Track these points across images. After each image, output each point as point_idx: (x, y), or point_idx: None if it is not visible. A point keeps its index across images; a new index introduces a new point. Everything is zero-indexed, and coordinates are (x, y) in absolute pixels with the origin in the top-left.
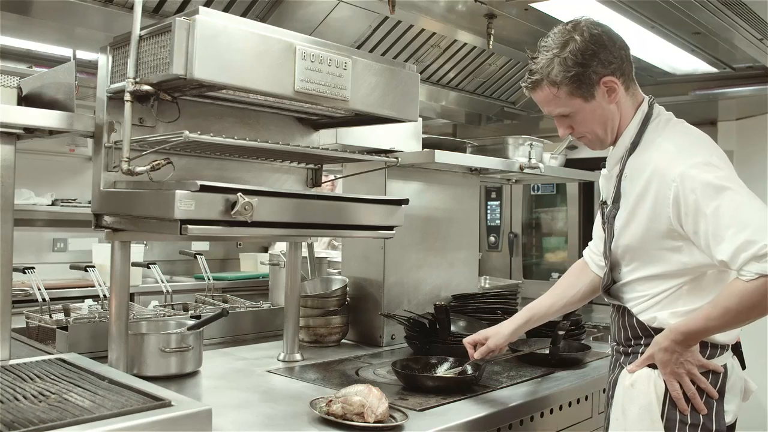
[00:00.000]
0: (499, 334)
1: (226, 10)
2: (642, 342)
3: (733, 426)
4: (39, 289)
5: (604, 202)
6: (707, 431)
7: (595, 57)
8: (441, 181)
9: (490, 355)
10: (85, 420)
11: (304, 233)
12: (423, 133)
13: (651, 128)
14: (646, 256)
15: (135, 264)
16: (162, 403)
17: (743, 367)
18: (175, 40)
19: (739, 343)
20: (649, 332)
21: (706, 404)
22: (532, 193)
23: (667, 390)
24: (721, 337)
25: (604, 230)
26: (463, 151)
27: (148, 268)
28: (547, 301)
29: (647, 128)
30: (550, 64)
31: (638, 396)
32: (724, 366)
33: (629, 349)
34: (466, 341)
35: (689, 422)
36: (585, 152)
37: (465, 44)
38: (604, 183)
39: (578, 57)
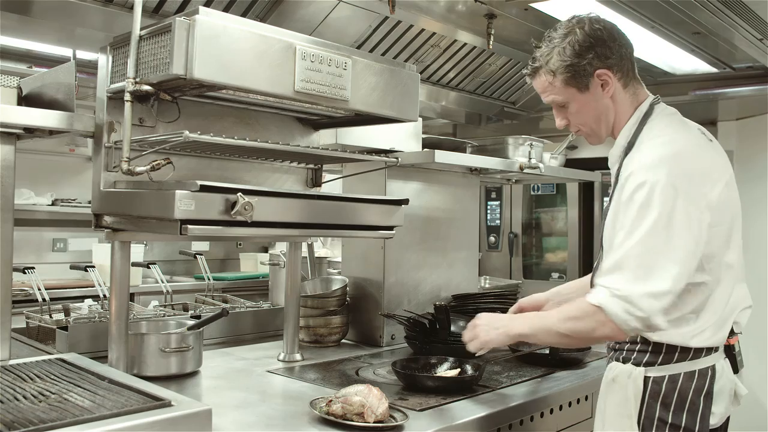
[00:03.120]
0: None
1: (226, 10)
2: (627, 340)
3: (718, 429)
4: (39, 289)
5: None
6: None
7: (592, 49)
8: (441, 181)
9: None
10: (85, 420)
11: (304, 233)
12: (423, 133)
13: (646, 129)
14: None
15: (135, 264)
16: (162, 403)
17: (736, 370)
18: (175, 40)
19: (733, 345)
20: None
21: (692, 405)
22: (532, 193)
23: (645, 388)
24: (704, 341)
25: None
26: (463, 151)
27: (148, 268)
28: (579, 283)
29: (643, 128)
30: (550, 53)
31: (617, 391)
32: (713, 368)
33: (617, 346)
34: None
35: (669, 422)
36: (585, 152)
37: (465, 44)
38: (612, 179)
39: (575, 48)
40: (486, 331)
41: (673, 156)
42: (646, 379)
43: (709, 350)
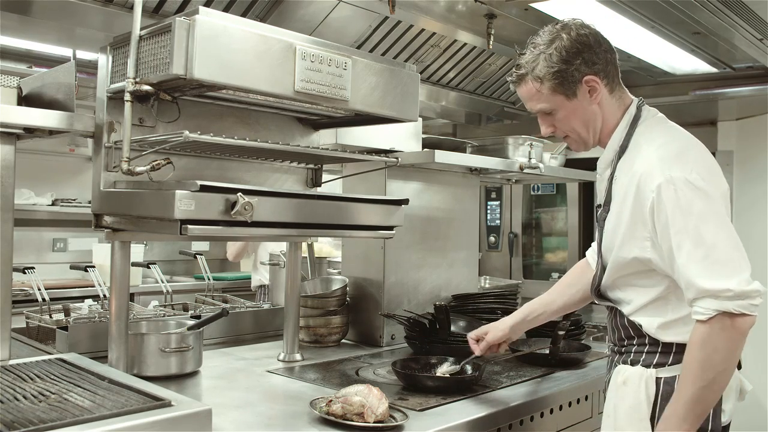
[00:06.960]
0: (498, 328)
1: (226, 10)
2: (635, 342)
3: (727, 426)
4: (39, 289)
5: (599, 205)
6: (702, 431)
7: (579, 55)
8: (441, 181)
9: (490, 351)
10: (85, 420)
11: (304, 233)
12: (423, 133)
13: (639, 131)
14: (626, 261)
15: (135, 264)
16: (162, 403)
17: (739, 367)
18: (175, 40)
19: None
20: (641, 333)
21: None
22: (532, 193)
23: (658, 391)
24: None
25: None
26: (463, 151)
27: (148, 268)
28: (546, 299)
29: (635, 131)
30: (536, 59)
31: (629, 394)
32: None
33: (623, 349)
34: (470, 336)
35: None
36: (585, 152)
37: (465, 44)
38: (599, 185)
39: (563, 54)
40: None
41: (684, 149)
42: (657, 380)
43: None
